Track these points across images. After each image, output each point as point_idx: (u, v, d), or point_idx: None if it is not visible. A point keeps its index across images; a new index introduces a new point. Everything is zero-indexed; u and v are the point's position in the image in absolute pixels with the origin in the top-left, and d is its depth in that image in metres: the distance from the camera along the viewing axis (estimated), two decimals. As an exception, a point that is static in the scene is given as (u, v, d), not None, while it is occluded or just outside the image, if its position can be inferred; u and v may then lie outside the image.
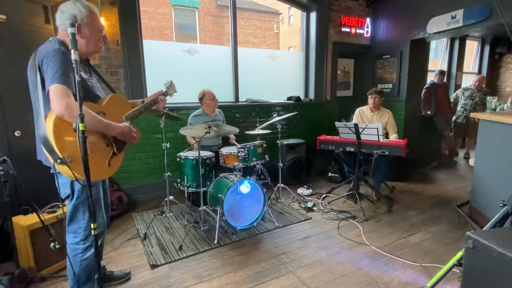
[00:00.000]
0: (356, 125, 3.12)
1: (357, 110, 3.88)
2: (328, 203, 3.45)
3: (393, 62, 4.78)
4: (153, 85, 3.61)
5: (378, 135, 3.04)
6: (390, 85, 4.85)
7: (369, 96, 3.70)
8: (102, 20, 2.99)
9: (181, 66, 3.93)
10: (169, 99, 2.17)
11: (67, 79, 1.42)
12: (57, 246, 1.88)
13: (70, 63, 1.45)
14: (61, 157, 1.39)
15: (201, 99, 3.49)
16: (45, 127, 1.42)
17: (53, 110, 1.40)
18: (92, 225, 1.36)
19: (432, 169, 4.90)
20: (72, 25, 1.23)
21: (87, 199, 1.57)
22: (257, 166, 3.39)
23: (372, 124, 3.30)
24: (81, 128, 1.26)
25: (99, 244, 1.68)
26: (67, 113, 1.38)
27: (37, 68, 1.45)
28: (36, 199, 2.08)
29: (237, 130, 2.78)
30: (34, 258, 2.06)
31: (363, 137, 3.16)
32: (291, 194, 3.62)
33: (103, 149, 1.58)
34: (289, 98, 4.81)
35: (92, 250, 1.65)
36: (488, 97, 3.44)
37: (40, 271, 2.10)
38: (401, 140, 3.13)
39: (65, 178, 1.53)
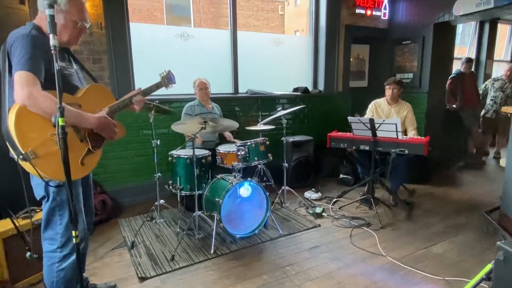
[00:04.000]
0: (371, 120, 3.12)
1: (372, 103, 3.86)
2: (339, 208, 3.46)
3: (414, 48, 4.76)
4: (142, 74, 3.61)
5: (396, 131, 3.04)
6: (410, 75, 4.83)
7: (387, 87, 3.69)
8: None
9: (173, 52, 3.92)
10: (160, 90, 2.16)
11: (35, 65, 1.42)
12: (33, 256, 1.89)
13: (43, 49, 1.46)
14: (23, 152, 1.38)
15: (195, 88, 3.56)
16: (8, 119, 1.42)
17: (15, 99, 1.40)
18: (73, 232, 1.36)
19: (458, 170, 4.89)
20: (51, 6, 1.23)
21: (66, 201, 1.57)
22: (259, 166, 3.40)
23: (390, 119, 3.29)
24: (60, 123, 1.26)
25: (80, 252, 1.67)
26: (30, 102, 1.38)
27: (6, 54, 1.46)
28: (11, 203, 2.09)
29: (236, 125, 2.78)
30: (8, 269, 2.07)
31: (379, 133, 3.15)
32: (297, 198, 3.63)
33: (76, 145, 1.56)
34: (296, 90, 4.80)
35: (71, 259, 1.65)
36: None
37: (15, 283, 2.11)
38: (422, 138, 3.13)
39: (39, 178, 1.53)
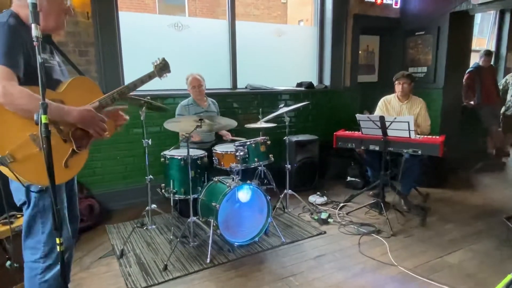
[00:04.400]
0: (382, 118, 3.11)
1: (381, 100, 3.86)
2: (347, 214, 3.46)
3: (428, 40, 4.76)
4: (132, 68, 3.61)
5: (409, 130, 3.04)
6: (424, 69, 4.83)
7: (396, 82, 3.69)
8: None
9: (166, 44, 3.92)
10: (151, 85, 2.15)
11: (12, 59, 1.41)
12: (14, 265, 1.89)
13: (21, 40, 1.44)
14: None
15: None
16: None
17: None
18: (57, 239, 1.36)
19: (476, 172, 4.89)
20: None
21: (49, 207, 1.55)
22: (259, 168, 3.39)
23: (402, 116, 3.29)
24: (43, 121, 1.26)
25: (65, 262, 1.67)
26: (5, 100, 1.36)
27: None
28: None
29: (235, 123, 2.77)
30: (-14, 280, 2.06)
31: (390, 132, 3.15)
32: (301, 203, 3.63)
33: (59, 146, 1.54)
34: (299, 85, 4.79)
35: (55, 270, 1.65)
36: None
37: (-6, 295, 2.10)
38: (437, 137, 3.12)
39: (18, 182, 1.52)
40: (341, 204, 3.65)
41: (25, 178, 1.41)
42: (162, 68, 2.08)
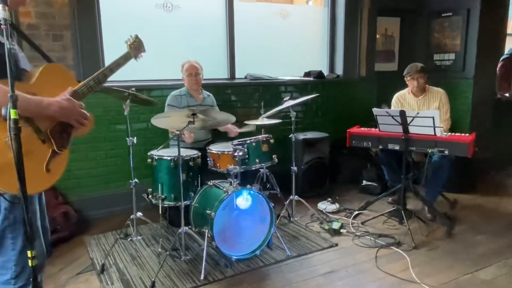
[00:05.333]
0: (402, 113, 3.11)
1: (394, 97, 3.88)
2: (362, 223, 3.46)
3: (456, 23, 4.74)
4: (114, 54, 3.57)
5: (434, 126, 3.03)
6: (452, 56, 4.82)
7: (409, 79, 3.66)
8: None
9: (153, 27, 3.92)
10: (137, 75, 2.15)
11: None
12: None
13: None
14: None
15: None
16: None
17: None
18: (29, 252, 1.35)
19: (510, 175, 4.88)
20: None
21: (21, 221, 1.54)
22: (261, 170, 3.40)
23: (426, 111, 3.29)
24: (12, 116, 1.25)
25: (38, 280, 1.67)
26: None
27: None
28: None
29: (232, 118, 2.77)
30: None
31: (412, 129, 3.15)
32: (309, 211, 3.63)
33: (38, 148, 1.53)
34: (307, 74, 4.79)
35: (27, 292, 1.65)
36: None
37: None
38: (466, 135, 3.12)
39: None
40: (356, 212, 3.64)
41: (1, 187, 1.41)
42: (137, 47, 2.09)
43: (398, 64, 5.31)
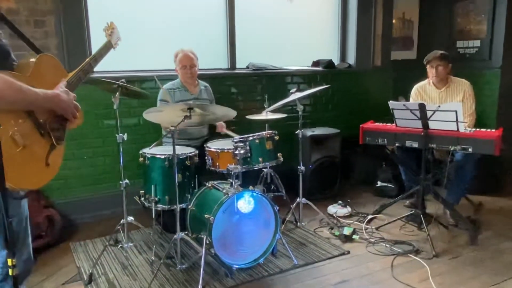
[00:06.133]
0: (422, 106, 3.10)
1: (414, 89, 3.86)
2: (377, 229, 3.45)
3: (482, 5, 4.71)
4: (102, 42, 3.59)
5: (457, 121, 3.02)
6: (477, 43, 4.79)
7: (428, 66, 3.65)
8: None
9: (145, 11, 3.92)
10: (127, 65, 2.16)
11: None
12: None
13: None
14: None
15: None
16: None
17: None
18: (9, 261, 1.36)
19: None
20: None
21: (2, 222, 1.56)
22: (265, 170, 3.39)
23: (448, 104, 3.26)
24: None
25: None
26: None
27: None
28: None
29: (233, 113, 2.77)
30: None
31: (433, 125, 3.13)
32: (317, 215, 3.62)
33: (38, 142, 1.60)
34: (316, 64, 4.78)
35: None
36: None
37: None
38: (492, 130, 3.10)
39: None
40: (370, 217, 3.64)
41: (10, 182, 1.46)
42: (111, 34, 2.16)
43: (417, 52, 5.29)
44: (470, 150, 3.06)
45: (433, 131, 3.15)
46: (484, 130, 3.15)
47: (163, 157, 2.87)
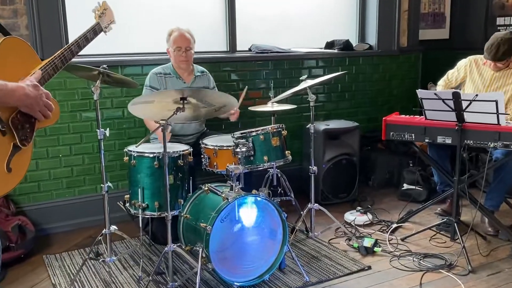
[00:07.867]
0: (456, 95, 3.09)
1: (468, 59, 3.74)
2: (403, 240, 3.45)
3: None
4: (79, 22, 3.58)
5: (497, 113, 3.01)
6: (521, 20, 4.78)
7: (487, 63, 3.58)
8: None
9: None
10: (110, 47, 2.17)
11: None
12: None
13: None
14: None
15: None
16: None
17: None
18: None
19: None
20: None
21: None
22: (271, 171, 3.38)
23: (487, 93, 3.24)
24: None
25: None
26: None
27: None
28: None
29: (235, 102, 2.77)
30: None
31: (469, 117, 3.13)
32: (333, 223, 3.62)
33: None
34: (329, 45, 4.77)
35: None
36: None
37: None
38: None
39: None
40: (394, 225, 3.64)
41: None
42: (102, 15, 2.17)
43: (450, 30, 5.28)
44: (512, 147, 3.06)
45: (469, 125, 3.14)
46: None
47: (151, 156, 2.87)
